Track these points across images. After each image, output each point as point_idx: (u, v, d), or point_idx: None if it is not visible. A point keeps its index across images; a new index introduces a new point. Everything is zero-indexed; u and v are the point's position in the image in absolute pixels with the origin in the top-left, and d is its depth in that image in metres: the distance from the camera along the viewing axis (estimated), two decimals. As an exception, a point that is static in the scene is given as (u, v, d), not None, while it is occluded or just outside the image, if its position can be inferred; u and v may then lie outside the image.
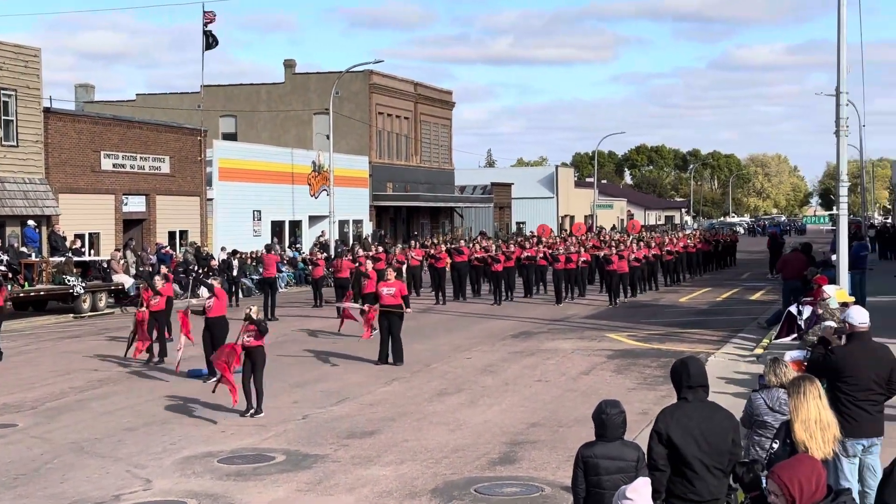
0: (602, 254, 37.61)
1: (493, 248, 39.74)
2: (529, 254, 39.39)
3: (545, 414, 16.82)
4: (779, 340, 21.68)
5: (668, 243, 45.94)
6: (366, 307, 23.48)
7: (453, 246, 41.06)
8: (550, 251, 38.60)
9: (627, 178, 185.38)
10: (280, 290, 40.00)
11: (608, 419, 7.77)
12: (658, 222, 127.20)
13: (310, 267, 39.17)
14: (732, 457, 7.54)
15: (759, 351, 22.40)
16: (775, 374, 9.49)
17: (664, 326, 28.88)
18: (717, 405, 7.74)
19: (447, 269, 38.69)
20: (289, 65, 65.44)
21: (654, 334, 27.12)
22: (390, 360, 22.18)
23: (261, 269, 37.40)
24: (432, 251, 39.94)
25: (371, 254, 37.06)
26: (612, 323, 29.86)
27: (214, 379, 18.05)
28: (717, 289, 42.09)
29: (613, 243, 41.77)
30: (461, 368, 21.80)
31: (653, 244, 43.86)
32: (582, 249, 39.74)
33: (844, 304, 16.66)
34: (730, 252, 60.40)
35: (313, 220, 55.72)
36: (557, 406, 17.50)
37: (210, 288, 21.22)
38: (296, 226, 55.27)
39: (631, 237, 51.60)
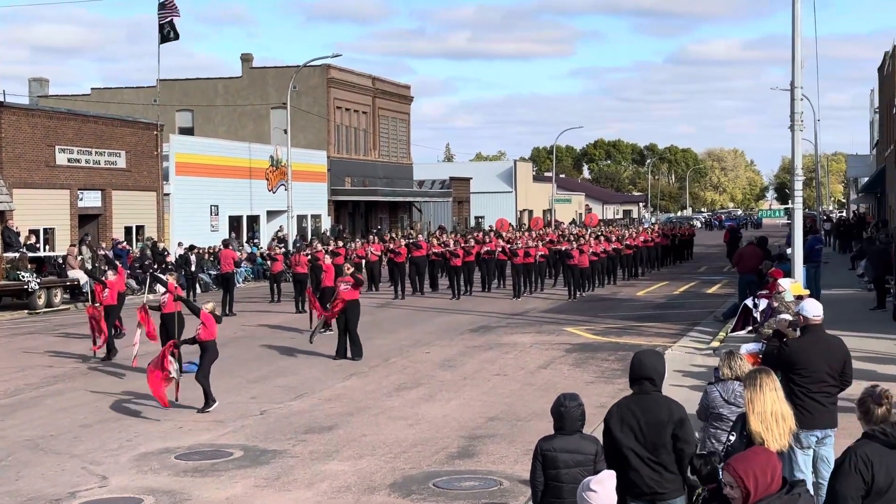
0: (563, 248, 37.68)
1: (452, 242, 39.75)
2: (489, 248, 39.44)
3: (503, 408, 16.87)
4: (735, 333, 21.85)
5: (627, 237, 46.13)
6: (328, 306, 23.16)
7: (411, 241, 41.03)
8: (509, 245, 38.67)
9: (586, 173, 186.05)
10: (238, 285, 39.82)
11: (567, 412, 7.79)
12: (616, 216, 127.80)
13: (268, 262, 39.00)
14: (679, 452, 7.50)
15: (715, 344, 22.56)
16: (730, 366, 9.55)
17: (622, 320, 29.03)
18: (663, 398, 7.73)
19: (406, 263, 38.66)
20: (246, 59, 65.07)
21: (611, 328, 27.25)
22: (349, 354, 22.15)
23: (218, 265, 37.20)
24: (391, 246, 39.90)
25: (330, 248, 36.96)
26: (570, 317, 29.97)
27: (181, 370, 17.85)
28: (674, 282, 42.35)
29: (573, 237, 41.88)
30: (420, 363, 21.81)
31: (612, 238, 44.02)
32: (539, 244, 39.81)
33: (799, 298, 16.81)
34: (687, 246, 60.78)
35: (271, 214, 55.50)
36: (516, 400, 17.55)
37: (164, 284, 20.97)
38: (254, 221, 55.01)
39: (589, 231, 51.78)
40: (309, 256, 34.07)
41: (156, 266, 37.63)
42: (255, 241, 52.78)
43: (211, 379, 17.04)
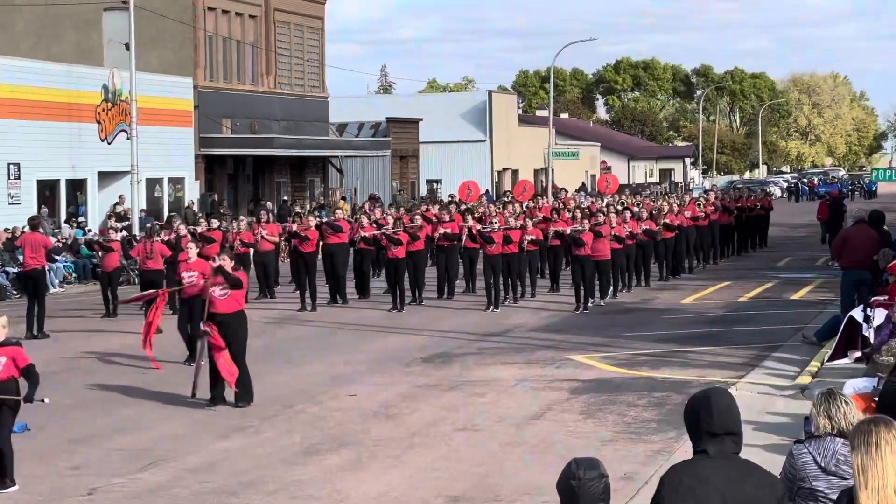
0: (568, 230, 37.69)
1: (392, 221, 39.73)
2: (449, 230, 39.41)
3: (473, 481, 16.91)
4: (835, 363, 22.06)
5: (666, 213, 46.27)
6: (207, 328, 22.77)
7: (326, 219, 40.97)
8: (481, 226, 38.65)
9: (601, 112, 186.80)
10: (52, 289, 39.62)
11: (581, 488, 7.74)
12: (649, 179, 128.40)
13: (99, 253, 38.83)
14: None
15: (804, 380, 22.70)
16: (829, 415, 9.58)
17: (659, 342, 29.16)
18: (752, 465, 7.77)
19: (318, 254, 38.59)
20: (64, -69, 64.84)
21: (642, 355, 27.38)
22: (229, 397, 22.11)
23: (20, 258, 37.00)
24: (295, 227, 39.80)
25: (199, 231, 36.83)
26: (577, 338, 30.05)
27: None
28: (739, 283, 42.56)
29: (581, 213, 41.94)
30: (342, 411, 21.82)
31: (643, 214, 44.14)
32: (529, 223, 39.82)
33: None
34: (759, 226, 61.10)
35: (106, 178, 55.25)
36: (493, 469, 17.59)
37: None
38: (77, 188, 54.74)
39: (606, 202, 51.92)
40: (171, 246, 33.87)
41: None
42: (80, 219, 52.53)
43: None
